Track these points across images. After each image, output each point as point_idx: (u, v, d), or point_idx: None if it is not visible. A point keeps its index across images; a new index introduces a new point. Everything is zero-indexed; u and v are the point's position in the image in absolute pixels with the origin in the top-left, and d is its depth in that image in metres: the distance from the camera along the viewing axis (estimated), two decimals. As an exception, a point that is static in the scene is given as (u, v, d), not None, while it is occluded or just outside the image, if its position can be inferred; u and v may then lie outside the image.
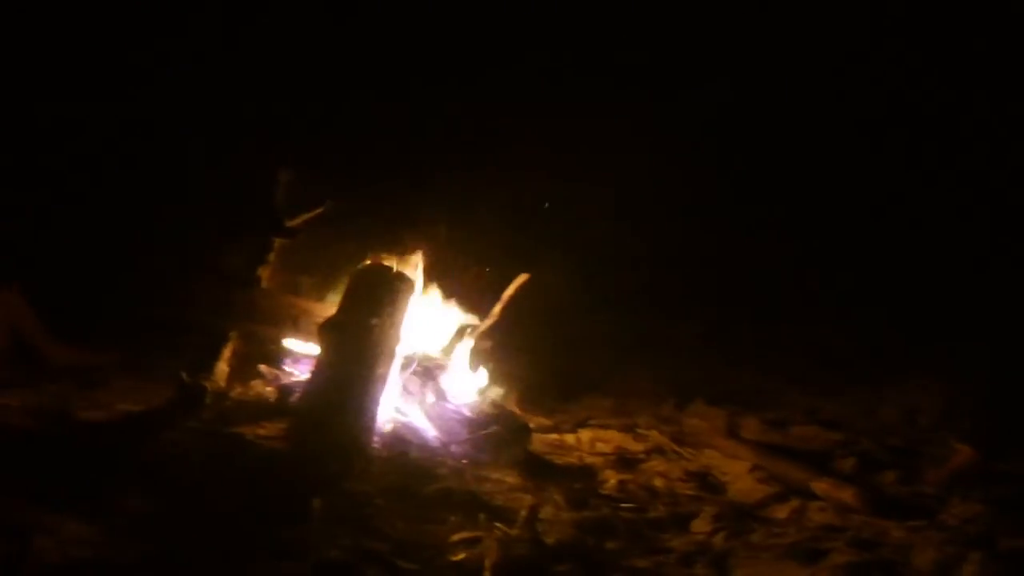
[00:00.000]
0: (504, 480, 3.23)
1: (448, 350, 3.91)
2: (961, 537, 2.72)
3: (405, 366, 3.66)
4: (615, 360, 5.18)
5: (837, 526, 2.89)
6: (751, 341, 5.50)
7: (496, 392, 3.84)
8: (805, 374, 5.06)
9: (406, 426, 3.56)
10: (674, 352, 5.37)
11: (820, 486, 3.14)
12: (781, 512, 3.05)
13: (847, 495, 3.04)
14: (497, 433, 3.44)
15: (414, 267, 3.85)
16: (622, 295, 5.58)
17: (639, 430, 4.02)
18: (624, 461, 3.59)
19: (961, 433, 3.49)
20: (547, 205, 5.33)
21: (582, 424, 4.11)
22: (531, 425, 3.92)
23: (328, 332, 3.33)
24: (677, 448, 3.73)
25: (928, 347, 4.73)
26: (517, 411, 3.91)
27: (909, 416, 4.28)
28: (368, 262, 3.69)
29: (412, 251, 3.88)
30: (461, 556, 2.57)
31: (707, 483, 3.37)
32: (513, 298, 4.08)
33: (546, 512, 2.94)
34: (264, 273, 4.04)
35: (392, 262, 3.74)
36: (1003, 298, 4.07)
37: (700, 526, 2.88)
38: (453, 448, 3.46)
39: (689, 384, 4.84)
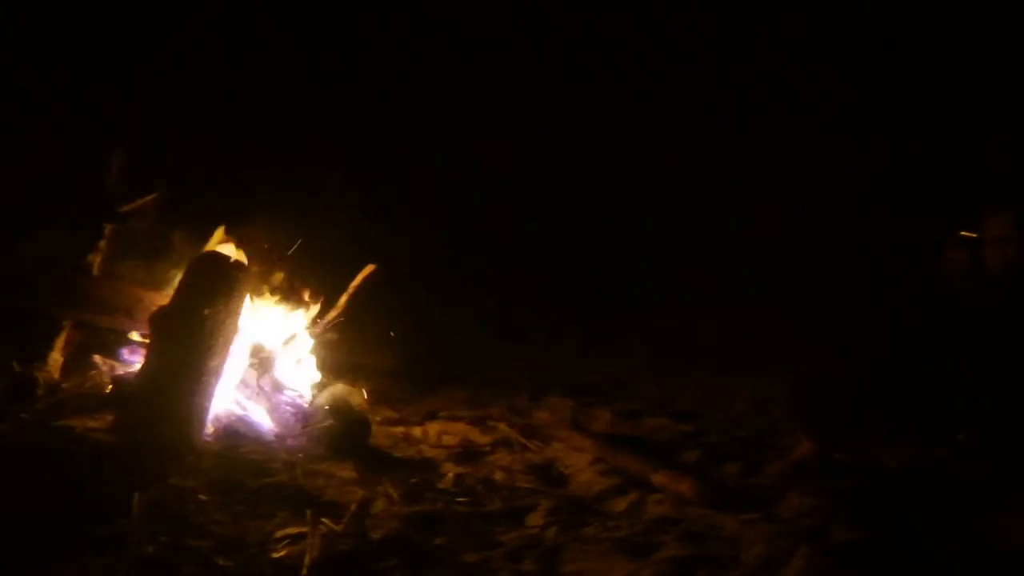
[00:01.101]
0: (337, 474, 3.12)
1: (289, 341, 3.77)
2: (793, 530, 2.69)
3: (241, 358, 3.52)
4: (472, 352, 5.12)
5: (673, 518, 2.84)
6: (609, 334, 5.49)
7: (338, 384, 3.71)
8: (661, 367, 5.06)
9: (240, 419, 3.42)
10: (532, 344, 5.34)
11: (659, 478, 3.10)
12: (619, 505, 3.00)
13: (684, 487, 3.00)
14: (334, 426, 3.33)
15: (253, 255, 3.70)
16: (479, 285, 5.53)
17: (489, 422, 3.94)
18: (468, 454, 3.51)
19: (804, 425, 3.50)
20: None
21: (431, 416, 4.01)
22: (377, 418, 3.83)
23: (159, 322, 3.19)
24: (524, 441, 3.67)
25: (780, 342, 4.77)
26: (363, 404, 3.80)
27: (759, 408, 4.28)
28: (205, 250, 3.54)
29: (252, 239, 3.74)
30: (282, 553, 2.47)
31: (549, 476, 3.30)
32: (360, 289, 3.98)
33: (377, 507, 2.85)
34: (96, 260, 3.85)
35: (230, 250, 3.61)
36: (848, 296, 4.11)
37: (534, 520, 2.81)
38: (288, 442, 3.34)
39: (546, 376, 4.80)
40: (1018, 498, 2.82)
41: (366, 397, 3.88)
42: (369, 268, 3.96)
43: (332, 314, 3.95)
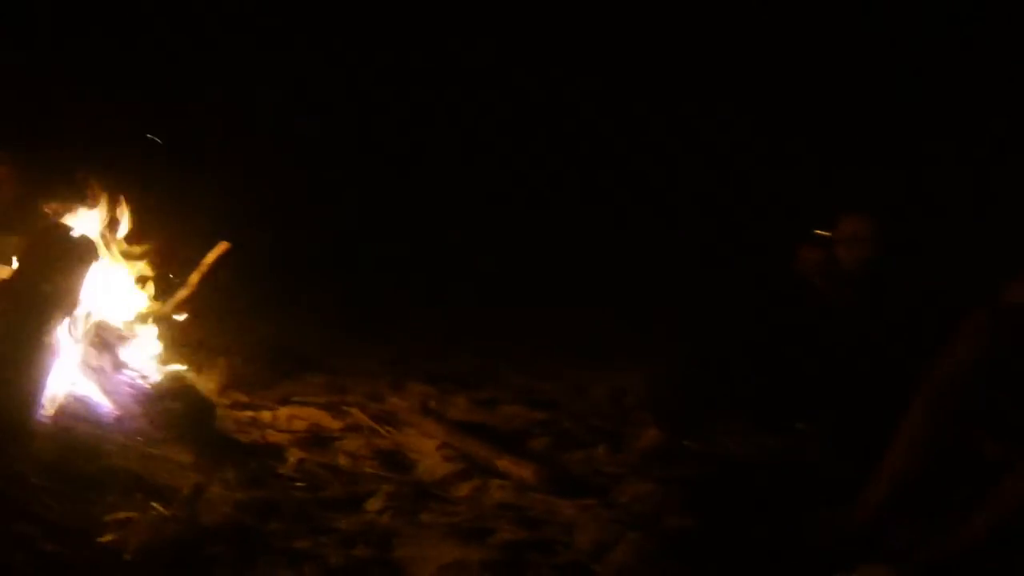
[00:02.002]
0: (175, 458, 3.02)
1: (135, 320, 3.66)
2: (628, 516, 2.71)
3: (82, 336, 3.39)
4: (334, 336, 5.06)
5: (512, 504, 2.84)
6: (474, 320, 5.49)
7: (183, 366, 3.61)
8: (524, 357, 5.08)
9: (78, 399, 3.30)
10: (396, 331, 5.31)
11: (503, 464, 3.10)
12: (462, 490, 2.99)
13: (527, 473, 3.01)
14: (175, 409, 3.24)
15: (101, 228, 3.58)
16: (344, 268, 5.48)
17: (344, 408, 3.89)
18: (315, 439, 3.45)
19: (652, 413, 3.54)
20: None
21: (284, 401, 3.94)
22: (226, 402, 3.75)
23: (-6, 298, 3.05)
24: (375, 426, 3.62)
25: (639, 332, 4.83)
26: (211, 387, 3.72)
27: (615, 398, 4.33)
28: (45, 223, 3.40)
29: (99, 210, 3.61)
30: (109, 537, 2.38)
31: (394, 462, 3.27)
32: (213, 267, 3.88)
33: (212, 491, 2.77)
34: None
35: (74, 222, 3.48)
36: (701, 289, 4.17)
37: (373, 505, 2.78)
38: (127, 424, 3.23)
39: (408, 363, 4.77)
40: (852, 487, 2.87)
41: (215, 380, 3.79)
42: (222, 246, 3.86)
43: (182, 293, 3.83)
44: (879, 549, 2.54)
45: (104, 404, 3.30)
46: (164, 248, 3.87)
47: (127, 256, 3.70)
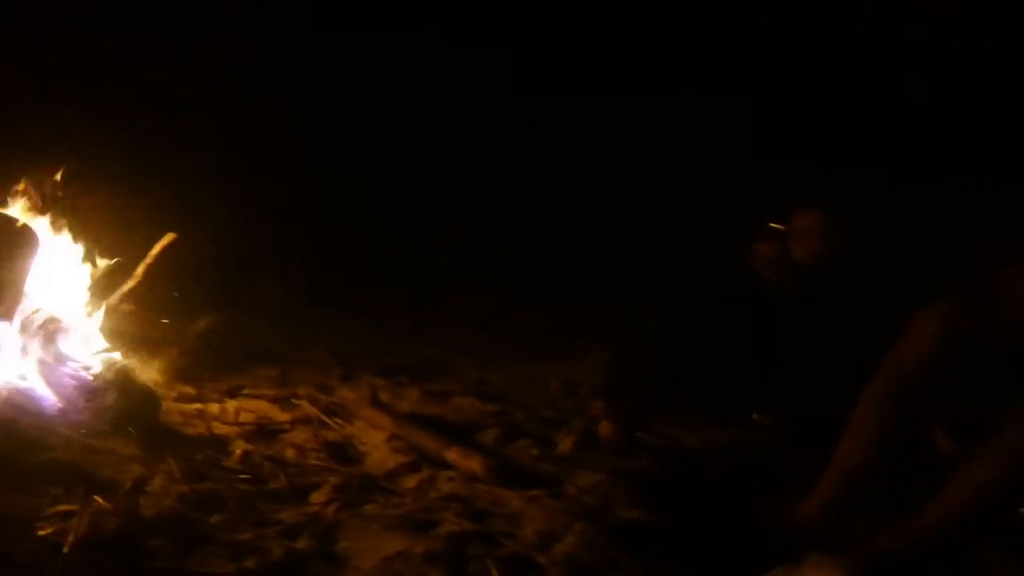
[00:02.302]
0: (119, 451, 2.98)
1: (79, 312, 3.61)
2: (577, 507, 2.70)
3: (24, 327, 3.35)
4: (286, 328, 5.02)
5: (460, 496, 2.83)
6: (429, 313, 5.47)
7: (128, 358, 3.56)
8: (479, 348, 5.08)
9: (21, 392, 3.25)
10: (350, 322, 5.28)
11: (452, 455, 3.09)
12: (410, 482, 2.97)
13: (475, 464, 3.00)
14: (119, 401, 3.20)
15: (44, 217, 3.53)
16: (296, 259, 5.43)
17: (294, 400, 3.85)
18: (263, 432, 3.41)
19: (605, 405, 3.54)
20: None
21: (233, 394, 3.90)
22: (173, 394, 3.71)
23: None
24: (325, 418, 3.60)
25: (594, 323, 4.82)
26: (157, 379, 3.67)
27: (570, 390, 4.33)
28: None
29: (40, 199, 3.55)
30: (49, 531, 2.34)
31: (343, 454, 3.24)
32: (160, 259, 3.83)
33: (155, 484, 2.73)
34: None
35: (16, 211, 3.43)
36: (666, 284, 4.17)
37: (318, 497, 2.75)
38: (70, 417, 3.19)
39: (362, 356, 4.74)
40: (806, 479, 2.88)
41: (161, 372, 3.75)
42: (169, 237, 3.81)
43: (128, 284, 3.78)
44: (830, 541, 2.54)
45: (47, 396, 3.25)
46: (110, 239, 3.82)
47: (73, 248, 3.65)
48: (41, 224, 3.49)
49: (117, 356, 3.52)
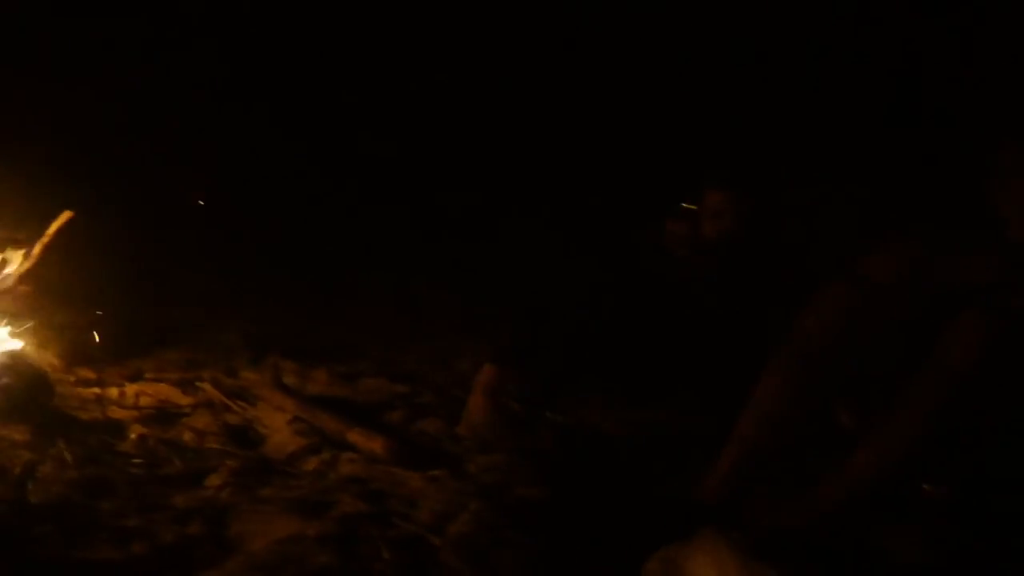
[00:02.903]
0: (9, 436, 2.89)
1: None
2: (476, 487, 2.69)
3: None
4: (195, 312, 4.94)
5: (359, 477, 2.79)
6: (341, 295, 5.43)
7: (20, 341, 3.47)
8: (391, 329, 5.04)
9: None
10: (260, 304, 5.21)
11: (353, 437, 3.06)
12: (310, 464, 2.93)
13: (377, 445, 2.97)
14: (11, 385, 3.11)
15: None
16: (209, 241, 5.35)
17: (198, 383, 3.79)
18: (162, 416, 3.35)
19: (513, 384, 3.52)
20: None
21: (135, 377, 3.82)
22: (71, 379, 3.62)
23: None
24: (228, 401, 3.54)
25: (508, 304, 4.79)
26: (54, 363, 3.58)
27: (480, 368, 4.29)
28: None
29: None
30: (-73, 519, 2.27)
31: (243, 437, 3.19)
32: (59, 238, 3.73)
33: (45, 470, 2.67)
34: None
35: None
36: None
37: (213, 481, 2.70)
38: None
39: (273, 337, 4.68)
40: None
41: (59, 356, 3.66)
42: (66, 215, 3.71)
43: (24, 265, 3.68)
44: (728, 517, 2.53)
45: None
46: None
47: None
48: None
49: (11, 339, 3.42)
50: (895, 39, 5.04)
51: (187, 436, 3.11)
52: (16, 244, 3.77)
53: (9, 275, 3.67)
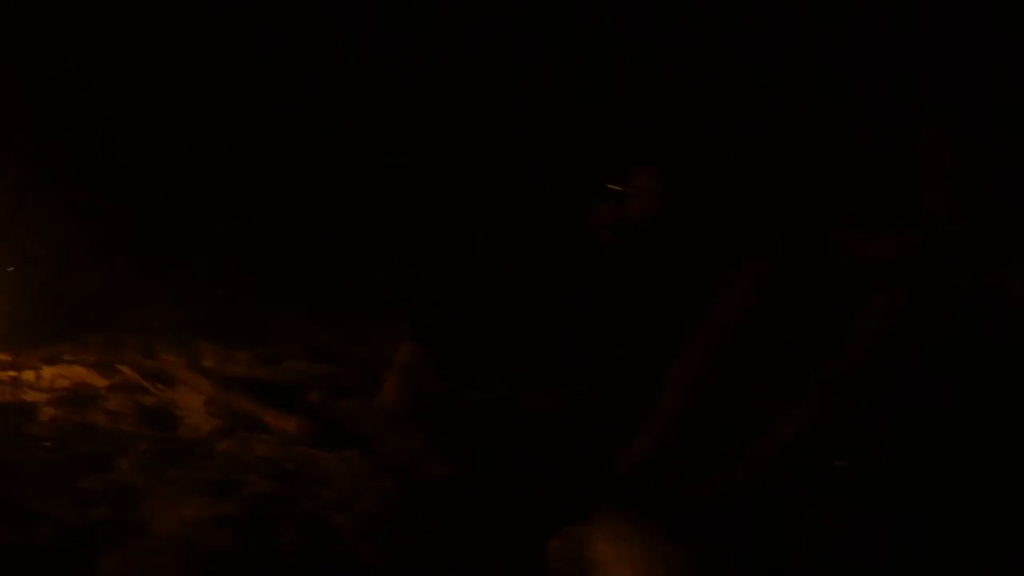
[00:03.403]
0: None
1: None
2: (387, 466, 2.70)
3: None
4: (118, 293, 4.89)
5: (272, 458, 2.79)
6: (270, 277, 5.40)
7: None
8: (318, 310, 5.03)
9: None
10: (185, 286, 5.17)
11: (268, 417, 3.05)
12: (224, 445, 2.92)
13: (291, 426, 2.97)
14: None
15: None
16: (133, 223, 5.28)
17: (117, 365, 3.75)
18: (77, 398, 3.31)
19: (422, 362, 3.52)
20: None
21: (53, 360, 3.77)
22: (-17, 361, 3.58)
23: None
24: (146, 383, 3.51)
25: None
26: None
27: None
28: None
29: None
30: None
31: (158, 419, 3.17)
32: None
33: (-53, 454, 2.64)
34: None
35: None
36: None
37: (123, 463, 2.69)
38: None
39: (198, 319, 4.65)
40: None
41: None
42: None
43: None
44: (643, 496, 2.54)
45: None
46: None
47: None
48: None
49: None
50: (813, 19, 5.08)
51: (101, 418, 3.09)
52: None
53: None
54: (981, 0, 4.59)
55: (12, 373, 3.55)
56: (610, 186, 3.94)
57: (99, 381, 3.55)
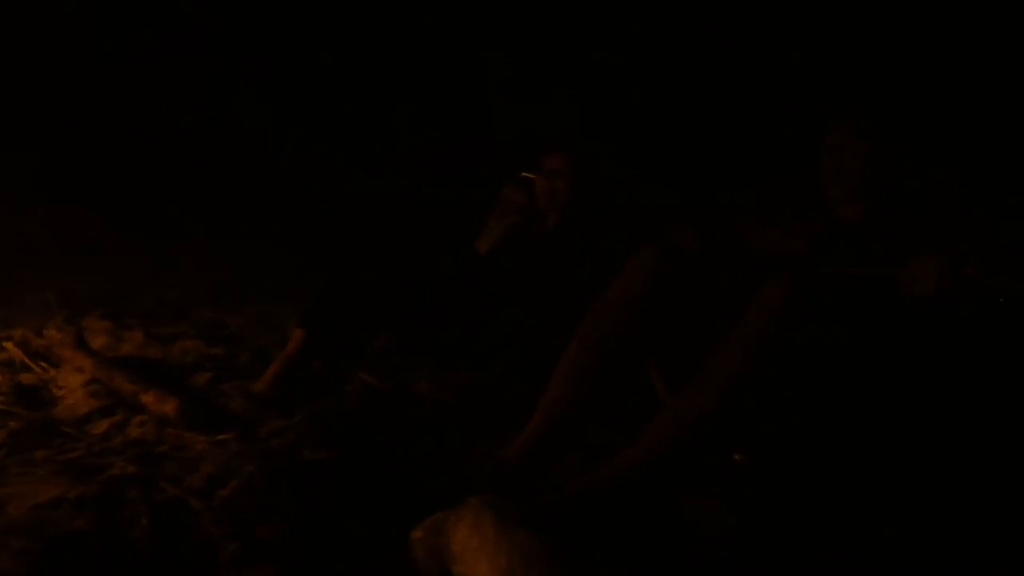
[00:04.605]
0: None
1: None
2: (262, 450, 2.64)
3: None
4: (11, 270, 4.79)
5: (143, 440, 2.74)
6: (173, 254, 5.32)
7: None
8: (221, 289, 4.97)
9: None
10: (86, 261, 5.08)
11: (147, 399, 3.00)
12: (99, 427, 2.85)
13: (169, 408, 2.91)
14: None
15: None
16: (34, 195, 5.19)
17: (4, 343, 3.67)
18: (-46, 376, 3.23)
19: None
20: None
21: (-68, 339, 3.68)
22: None
23: None
24: (29, 361, 3.44)
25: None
26: None
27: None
28: None
29: None
30: None
31: (36, 398, 3.10)
32: None
33: None
34: None
35: None
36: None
37: (-11, 444, 2.63)
38: None
39: (94, 296, 4.57)
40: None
41: None
42: None
43: None
44: (527, 484, 2.51)
45: None
46: None
47: None
48: None
49: None
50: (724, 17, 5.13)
51: (-27, 398, 3.01)
52: None
53: None
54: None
55: None
56: (524, 174, 3.94)
57: (-19, 360, 3.47)
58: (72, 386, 3.20)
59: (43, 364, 3.42)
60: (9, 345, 3.56)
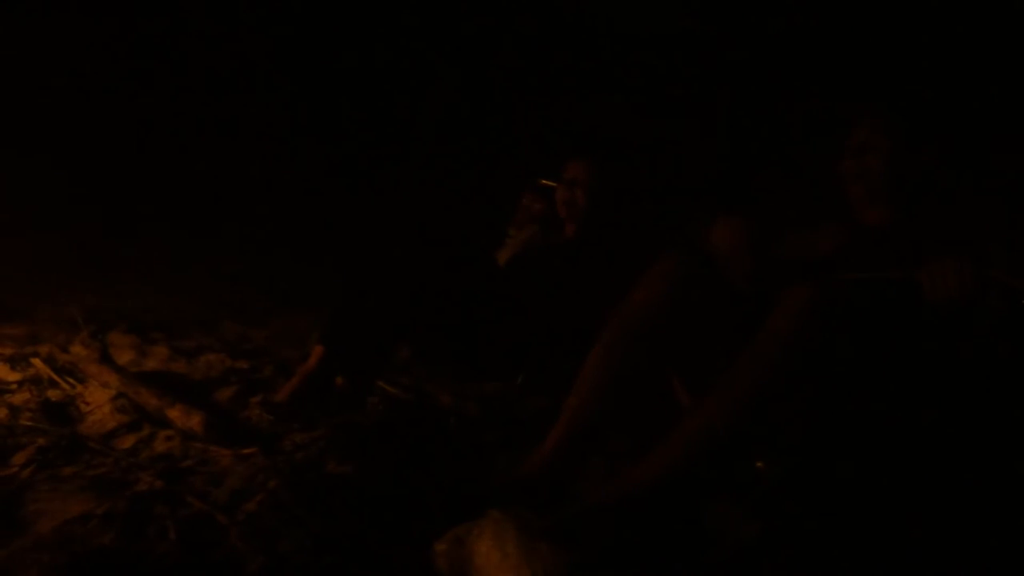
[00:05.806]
0: None
1: None
2: (287, 464, 2.65)
3: None
4: (38, 286, 4.82)
5: (172, 455, 2.76)
6: (196, 269, 5.35)
7: None
8: (245, 303, 4.99)
9: None
10: (111, 277, 5.11)
11: (173, 414, 3.02)
12: (126, 442, 2.87)
13: (195, 422, 2.94)
14: None
15: None
16: (55, 213, 5.22)
17: (32, 359, 3.71)
18: (-18, 393, 3.27)
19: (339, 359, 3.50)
20: None
21: (-39, 354, 3.72)
22: None
23: None
24: (56, 377, 3.47)
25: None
26: None
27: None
28: None
29: None
30: None
31: (62, 414, 3.13)
32: None
33: None
34: None
35: None
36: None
37: (19, 459, 2.65)
38: None
39: (120, 311, 4.60)
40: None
41: None
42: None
43: None
44: (550, 496, 2.52)
45: None
46: None
47: None
48: None
49: None
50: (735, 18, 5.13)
51: (2, 413, 3.03)
52: None
53: None
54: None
55: (-77, 368, 3.49)
56: (543, 182, 3.95)
57: (10, 375, 3.50)
58: (98, 401, 3.22)
59: (70, 380, 3.45)
60: (36, 361, 3.59)
